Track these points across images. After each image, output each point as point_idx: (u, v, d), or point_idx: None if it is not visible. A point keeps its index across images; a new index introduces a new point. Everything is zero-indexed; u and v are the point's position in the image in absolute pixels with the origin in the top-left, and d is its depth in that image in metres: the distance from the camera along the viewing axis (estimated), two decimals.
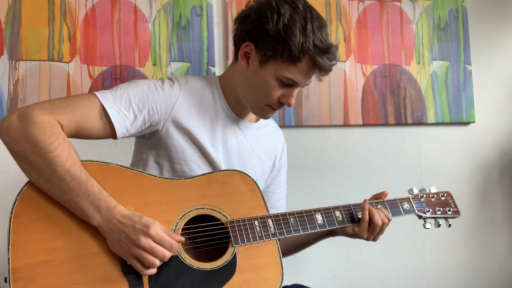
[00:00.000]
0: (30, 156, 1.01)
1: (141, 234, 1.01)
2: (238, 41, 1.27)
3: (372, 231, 1.28)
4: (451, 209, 1.42)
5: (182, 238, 1.07)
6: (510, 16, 2.17)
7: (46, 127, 1.02)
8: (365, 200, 1.30)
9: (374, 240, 1.31)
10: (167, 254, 1.03)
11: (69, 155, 1.03)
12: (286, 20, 1.17)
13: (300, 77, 1.21)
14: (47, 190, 1.03)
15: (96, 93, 1.14)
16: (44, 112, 1.04)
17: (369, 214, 1.27)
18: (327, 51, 1.18)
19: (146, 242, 1.00)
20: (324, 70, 1.21)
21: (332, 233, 1.35)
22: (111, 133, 1.15)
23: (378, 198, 1.36)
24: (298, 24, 1.16)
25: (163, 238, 1.02)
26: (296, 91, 1.24)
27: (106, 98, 1.14)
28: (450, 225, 1.41)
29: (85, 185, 1.02)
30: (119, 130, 1.15)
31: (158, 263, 1.02)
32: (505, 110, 2.15)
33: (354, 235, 1.30)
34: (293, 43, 1.16)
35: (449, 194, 1.45)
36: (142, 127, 1.20)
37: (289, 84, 1.22)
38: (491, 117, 2.13)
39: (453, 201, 1.44)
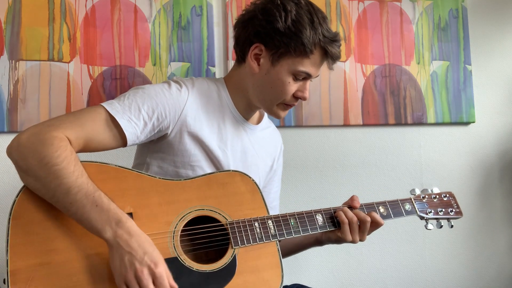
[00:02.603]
0: (38, 171, 1.00)
1: (146, 268, 0.98)
2: (245, 44, 1.27)
3: (353, 230, 1.26)
4: (454, 210, 1.41)
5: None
6: (510, 16, 2.17)
7: (54, 142, 1.01)
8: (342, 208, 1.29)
9: (361, 240, 1.28)
10: None
11: (76, 166, 1.02)
12: (294, 16, 1.21)
13: (313, 69, 1.25)
14: (54, 204, 1.01)
15: (103, 104, 1.14)
16: (52, 128, 1.04)
17: (344, 214, 1.26)
18: (335, 39, 1.24)
19: (147, 279, 0.97)
20: (335, 58, 1.26)
21: (318, 242, 1.34)
22: (122, 143, 1.15)
23: (348, 204, 1.33)
24: (305, 18, 1.21)
25: (164, 284, 0.99)
26: (308, 84, 1.28)
27: (115, 108, 1.13)
28: (452, 226, 1.41)
29: (92, 196, 1.00)
30: (130, 138, 1.14)
31: None
32: (505, 110, 2.15)
33: (339, 240, 1.28)
34: (305, 36, 1.19)
35: (451, 195, 1.44)
36: (151, 133, 1.20)
37: (303, 78, 1.25)
38: (491, 117, 2.13)
39: (456, 202, 1.44)
